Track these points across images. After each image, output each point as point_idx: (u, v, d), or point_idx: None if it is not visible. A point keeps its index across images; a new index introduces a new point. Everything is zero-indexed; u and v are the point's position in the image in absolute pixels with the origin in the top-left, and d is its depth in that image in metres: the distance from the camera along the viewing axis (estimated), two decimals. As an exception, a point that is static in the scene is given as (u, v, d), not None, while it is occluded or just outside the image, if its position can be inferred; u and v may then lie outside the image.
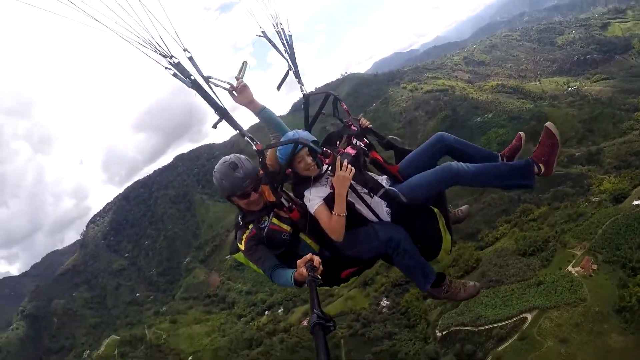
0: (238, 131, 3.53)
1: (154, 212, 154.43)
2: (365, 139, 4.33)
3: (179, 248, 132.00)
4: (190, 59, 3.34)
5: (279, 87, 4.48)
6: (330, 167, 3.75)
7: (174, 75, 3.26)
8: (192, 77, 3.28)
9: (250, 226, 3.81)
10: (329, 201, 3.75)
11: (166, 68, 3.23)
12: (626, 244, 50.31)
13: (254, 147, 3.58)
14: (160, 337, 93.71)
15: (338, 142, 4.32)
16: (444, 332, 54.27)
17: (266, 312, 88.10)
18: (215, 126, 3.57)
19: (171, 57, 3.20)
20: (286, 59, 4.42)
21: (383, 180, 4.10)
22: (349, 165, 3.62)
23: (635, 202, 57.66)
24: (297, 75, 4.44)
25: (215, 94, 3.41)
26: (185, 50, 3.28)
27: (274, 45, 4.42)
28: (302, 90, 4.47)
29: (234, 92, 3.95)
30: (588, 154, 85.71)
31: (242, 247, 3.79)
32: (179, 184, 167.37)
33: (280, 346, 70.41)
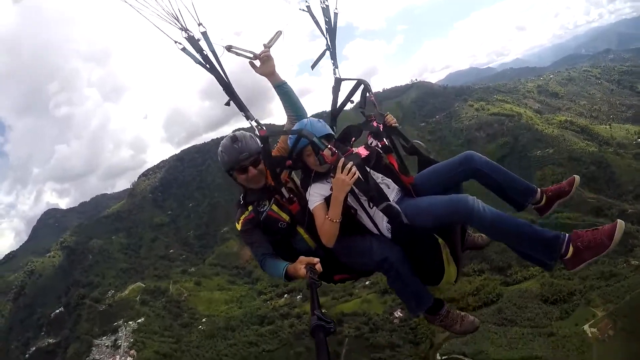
0: (243, 113, 3.45)
1: (203, 178, 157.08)
2: (385, 140, 3.95)
3: (219, 217, 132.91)
4: (204, 34, 3.15)
5: (313, 66, 4.32)
6: (332, 167, 3.42)
7: (183, 50, 3.13)
8: (204, 52, 3.16)
9: (250, 208, 3.71)
10: (329, 202, 3.46)
11: (176, 42, 3.11)
12: (650, 317, 48.41)
13: (258, 132, 3.48)
14: (182, 294, 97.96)
15: (354, 139, 4.01)
16: (443, 358, 54.42)
17: (285, 295, 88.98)
18: (227, 104, 3.43)
19: (186, 30, 3.08)
20: (325, 38, 4.15)
21: (394, 191, 3.69)
22: (354, 169, 3.26)
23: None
24: (333, 56, 4.19)
25: (225, 74, 3.28)
26: (200, 24, 3.10)
27: (316, 22, 4.13)
28: (335, 74, 4.18)
29: (256, 61, 3.76)
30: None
31: (238, 227, 3.76)
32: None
33: (289, 330, 72.82)
